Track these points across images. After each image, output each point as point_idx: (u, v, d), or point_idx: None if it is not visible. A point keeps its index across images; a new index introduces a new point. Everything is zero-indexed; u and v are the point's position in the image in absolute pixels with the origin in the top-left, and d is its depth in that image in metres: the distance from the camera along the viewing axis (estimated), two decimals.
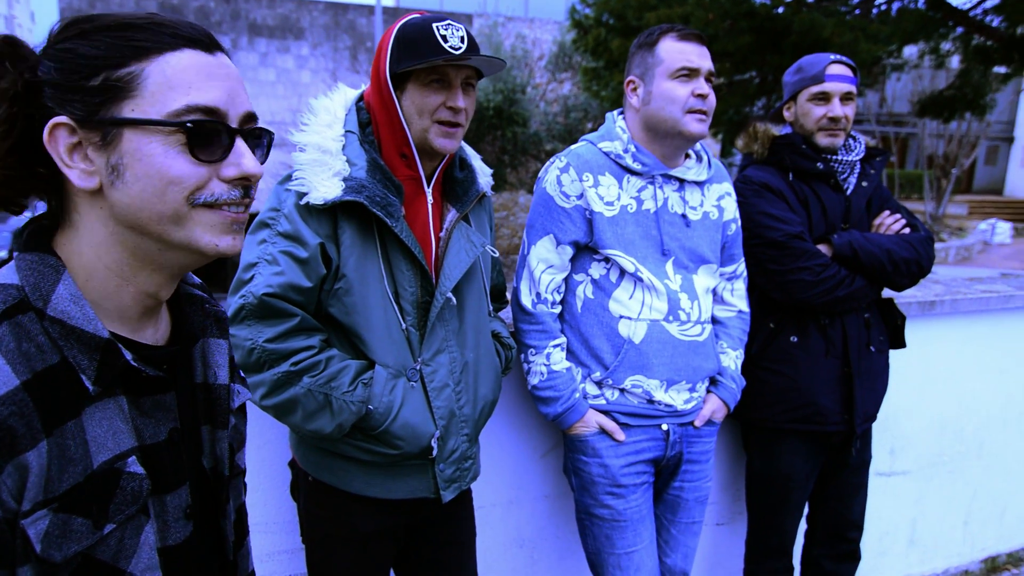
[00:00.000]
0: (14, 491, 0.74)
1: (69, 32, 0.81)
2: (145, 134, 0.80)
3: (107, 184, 0.81)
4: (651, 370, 1.93)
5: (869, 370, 2.28)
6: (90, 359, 0.81)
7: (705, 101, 1.87)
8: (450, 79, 1.58)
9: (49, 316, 0.80)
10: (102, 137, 0.80)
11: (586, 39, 12.33)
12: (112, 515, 0.83)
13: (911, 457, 3.07)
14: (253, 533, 2.05)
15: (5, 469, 0.73)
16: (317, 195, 1.51)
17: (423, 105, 1.57)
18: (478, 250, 1.70)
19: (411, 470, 1.68)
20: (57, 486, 0.78)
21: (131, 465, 0.85)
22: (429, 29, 1.53)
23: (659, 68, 1.88)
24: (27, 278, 0.81)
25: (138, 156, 0.80)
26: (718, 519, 2.75)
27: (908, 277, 2.24)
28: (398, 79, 1.58)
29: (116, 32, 0.80)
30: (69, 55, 0.80)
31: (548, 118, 17.27)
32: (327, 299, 1.59)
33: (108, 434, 0.83)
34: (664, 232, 1.94)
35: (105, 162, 0.81)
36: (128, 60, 0.80)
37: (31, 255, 0.82)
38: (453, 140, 1.61)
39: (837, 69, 2.20)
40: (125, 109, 0.80)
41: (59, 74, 0.79)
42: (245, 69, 17.48)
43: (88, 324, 0.81)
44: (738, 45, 10.18)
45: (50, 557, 0.77)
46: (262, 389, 1.54)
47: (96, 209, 0.83)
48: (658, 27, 1.92)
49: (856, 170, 2.30)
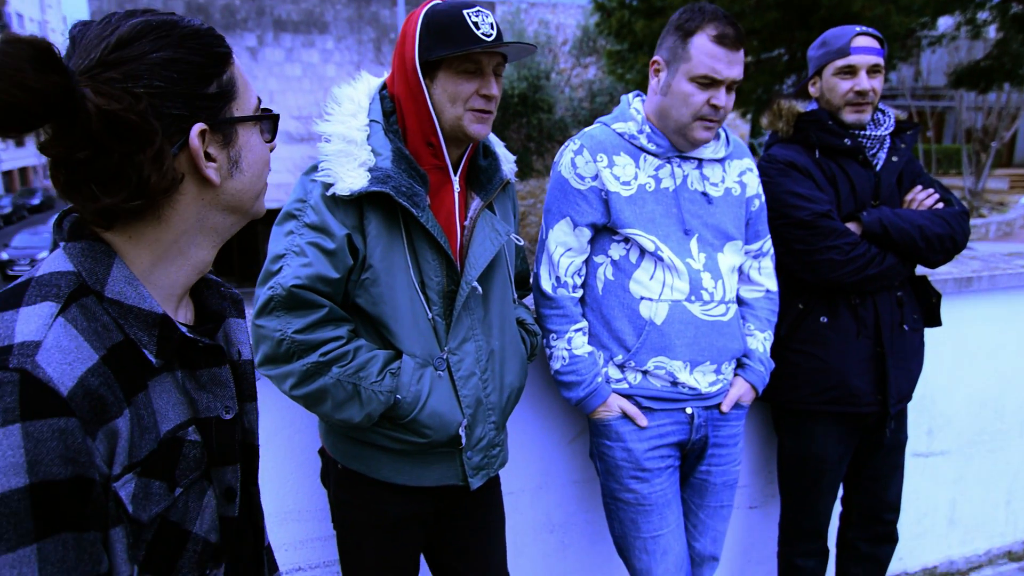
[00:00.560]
0: (106, 456, 0.81)
1: (157, 42, 0.84)
2: (247, 129, 0.94)
3: (226, 175, 0.92)
4: (673, 351, 1.91)
5: (902, 350, 2.23)
6: (149, 335, 0.88)
7: (718, 111, 1.84)
8: (483, 67, 1.57)
9: (107, 298, 0.86)
10: (223, 136, 0.91)
11: (609, 22, 12.21)
12: (179, 480, 0.91)
13: (950, 437, 3.01)
14: (286, 521, 2.09)
15: (97, 435, 0.79)
16: (343, 186, 1.52)
17: (456, 93, 1.57)
18: (503, 239, 1.70)
19: (439, 458, 1.69)
20: (138, 452, 0.85)
21: (191, 434, 0.93)
22: (460, 16, 1.52)
23: (684, 66, 1.83)
24: (82, 264, 0.86)
25: (249, 148, 0.94)
26: (751, 502, 2.72)
27: (942, 253, 2.18)
28: (427, 67, 1.57)
29: (195, 40, 0.87)
30: (183, 65, 0.85)
31: (573, 103, 17.18)
32: (354, 289, 1.60)
33: (168, 405, 0.91)
34: (684, 210, 1.92)
35: (226, 157, 0.92)
36: (223, 66, 0.90)
37: (80, 243, 0.87)
38: (486, 126, 1.61)
39: (863, 41, 2.14)
40: (234, 109, 0.92)
41: (183, 84, 0.86)
42: (271, 65, 17.65)
43: (143, 303, 0.88)
44: (765, 22, 10.00)
45: (139, 517, 0.85)
46: (292, 379, 1.56)
47: (199, 199, 0.91)
48: (700, 12, 1.83)
49: (886, 145, 2.24)
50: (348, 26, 18.29)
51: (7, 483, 0.72)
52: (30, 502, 0.73)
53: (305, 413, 1.97)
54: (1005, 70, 12.70)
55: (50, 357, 0.77)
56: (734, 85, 1.86)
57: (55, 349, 0.78)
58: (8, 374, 0.74)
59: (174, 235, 0.90)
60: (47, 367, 0.76)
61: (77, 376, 0.78)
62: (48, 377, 0.76)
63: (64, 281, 0.84)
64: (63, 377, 0.77)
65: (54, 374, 0.77)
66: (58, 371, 0.77)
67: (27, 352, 0.76)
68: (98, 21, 0.86)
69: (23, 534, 0.73)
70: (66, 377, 0.77)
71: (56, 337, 0.79)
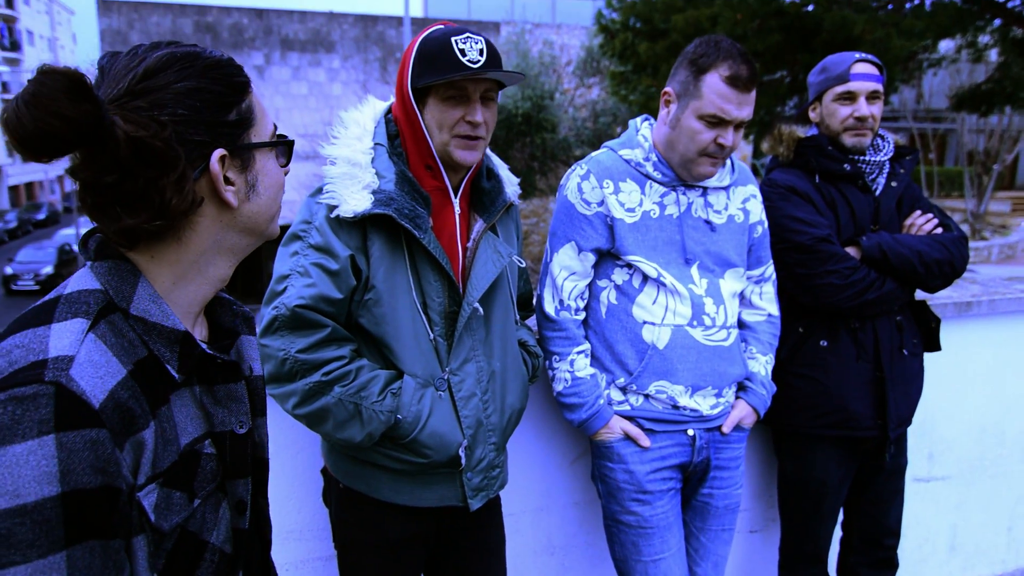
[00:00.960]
0: (132, 466, 0.84)
1: (181, 72, 0.88)
2: (264, 154, 0.98)
3: (243, 199, 0.96)
4: (675, 375, 1.92)
5: (902, 374, 2.24)
6: (171, 350, 0.92)
7: (724, 149, 1.86)
8: (468, 93, 1.59)
9: (132, 315, 0.90)
10: (242, 162, 0.95)
11: (613, 43, 12.33)
12: (197, 491, 0.95)
13: (950, 462, 3.00)
14: (288, 540, 2.10)
15: (125, 447, 0.83)
16: (347, 208, 1.54)
17: (443, 119, 1.59)
18: (505, 260, 1.72)
19: (439, 478, 1.70)
20: (161, 463, 0.89)
21: (207, 447, 0.97)
22: (448, 43, 1.55)
23: (694, 102, 1.84)
24: (109, 282, 0.90)
25: (265, 172, 0.99)
26: (751, 526, 2.72)
27: (941, 278, 2.20)
28: (420, 93, 1.61)
29: (217, 70, 0.92)
30: (205, 94, 0.90)
31: (577, 123, 17.27)
32: (357, 309, 1.62)
33: (187, 419, 0.95)
34: (687, 237, 1.94)
35: (244, 181, 0.96)
36: (242, 95, 0.95)
37: (106, 263, 0.91)
38: (474, 152, 1.63)
39: (862, 68, 2.17)
40: (252, 135, 0.96)
41: (205, 112, 0.90)
42: (278, 83, 17.82)
43: (167, 320, 0.91)
44: (767, 44, 10.09)
45: (160, 526, 0.89)
46: (294, 398, 1.57)
47: (218, 221, 0.95)
48: (716, 49, 1.81)
49: (885, 170, 2.26)
50: (355, 45, 18.48)
51: (40, 491, 0.75)
52: (62, 510, 0.76)
53: (308, 433, 1.98)
54: (1006, 93, 12.76)
55: (83, 371, 0.81)
56: (742, 125, 1.87)
57: (87, 363, 0.82)
58: (44, 387, 0.78)
59: (194, 255, 0.94)
60: (80, 380, 0.80)
61: (108, 389, 0.82)
62: (81, 390, 0.79)
63: (93, 299, 0.88)
64: (95, 390, 0.81)
65: (87, 387, 0.80)
66: (90, 384, 0.81)
67: (62, 366, 0.80)
68: (125, 52, 0.91)
69: (54, 541, 0.76)
70: (97, 390, 0.81)
71: (88, 352, 0.83)
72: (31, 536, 0.74)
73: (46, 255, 23.80)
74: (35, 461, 0.75)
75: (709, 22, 10.08)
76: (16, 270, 23.22)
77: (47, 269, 23.23)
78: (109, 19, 17.12)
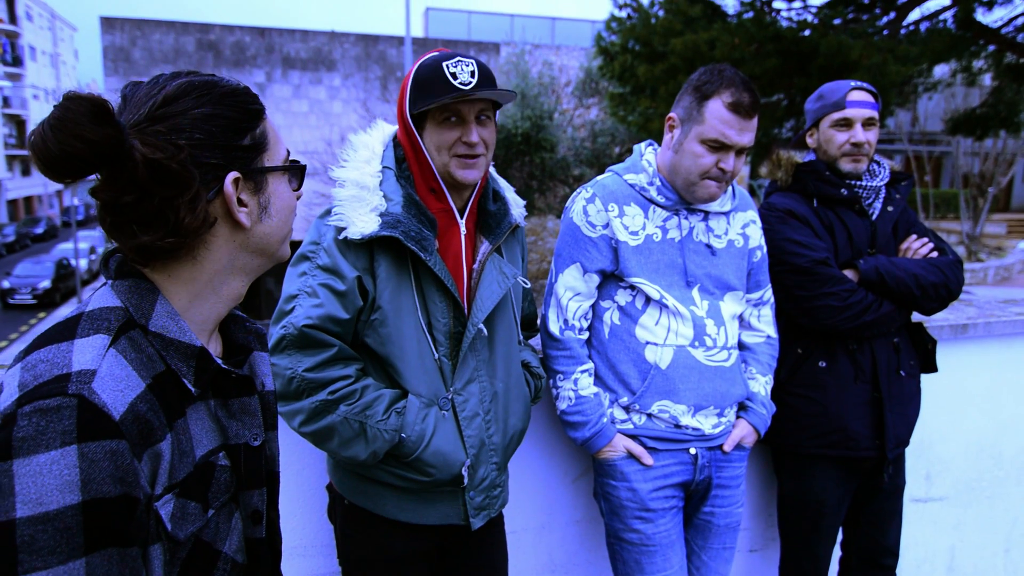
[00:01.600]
0: (150, 477, 0.88)
1: (199, 100, 0.93)
2: (276, 177, 1.02)
3: (255, 220, 1.00)
4: (678, 395, 1.95)
5: (900, 395, 2.28)
6: (188, 365, 0.95)
7: (726, 174, 1.90)
8: (463, 115, 1.63)
9: (151, 331, 0.94)
10: (255, 184, 0.99)
11: (612, 65, 12.44)
12: (211, 502, 0.98)
13: (948, 483, 3.03)
14: (292, 556, 2.11)
15: (143, 457, 0.86)
16: (355, 230, 1.58)
17: (440, 142, 1.64)
18: (510, 282, 1.75)
19: (442, 496, 1.72)
20: (178, 474, 0.92)
21: (221, 459, 1.01)
22: (439, 68, 1.60)
23: (697, 128, 1.89)
24: (129, 300, 0.94)
25: (278, 194, 1.02)
26: (751, 545, 2.73)
27: (937, 301, 2.24)
28: (418, 119, 1.66)
29: (234, 97, 0.97)
30: (221, 119, 0.94)
31: (575, 143, 17.39)
32: (363, 329, 1.65)
33: (202, 432, 0.98)
34: (689, 260, 1.98)
35: (256, 203, 0.99)
36: (256, 121, 0.99)
37: (126, 281, 0.95)
38: (474, 170, 1.67)
39: (858, 95, 2.22)
40: (265, 160, 1.00)
41: (220, 137, 0.94)
42: (279, 101, 17.92)
43: (183, 336, 0.95)
44: (764, 68, 10.20)
45: (176, 536, 0.92)
46: (300, 416, 1.60)
47: (231, 241, 0.99)
48: (720, 76, 1.87)
49: (881, 195, 2.31)
50: (355, 64, 18.62)
51: (62, 500, 0.78)
52: (82, 518, 0.79)
53: (313, 449, 2.00)
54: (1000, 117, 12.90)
55: (104, 384, 0.85)
56: (744, 151, 1.91)
57: (109, 377, 0.86)
58: (67, 399, 0.81)
59: (208, 274, 0.98)
60: (102, 393, 0.84)
61: (128, 402, 0.86)
62: (103, 403, 0.83)
63: (114, 316, 0.92)
64: (116, 403, 0.84)
65: (108, 400, 0.84)
66: (111, 397, 0.84)
67: (84, 380, 0.84)
68: (147, 81, 0.96)
69: (74, 548, 0.79)
70: (118, 403, 0.85)
71: (109, 366, 0.87)
72: (52, 543, 0.77)
73: (44, 269, 23.77)
74: (58, 470, 0.78)
75: (707, 46, 10.21)
76: (13, 284, 23.19)
77: (44, 283, 23.20)
78: (112, 36, 17.25)
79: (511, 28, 24.52)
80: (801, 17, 11.84)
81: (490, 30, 25.03)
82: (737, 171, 1.93)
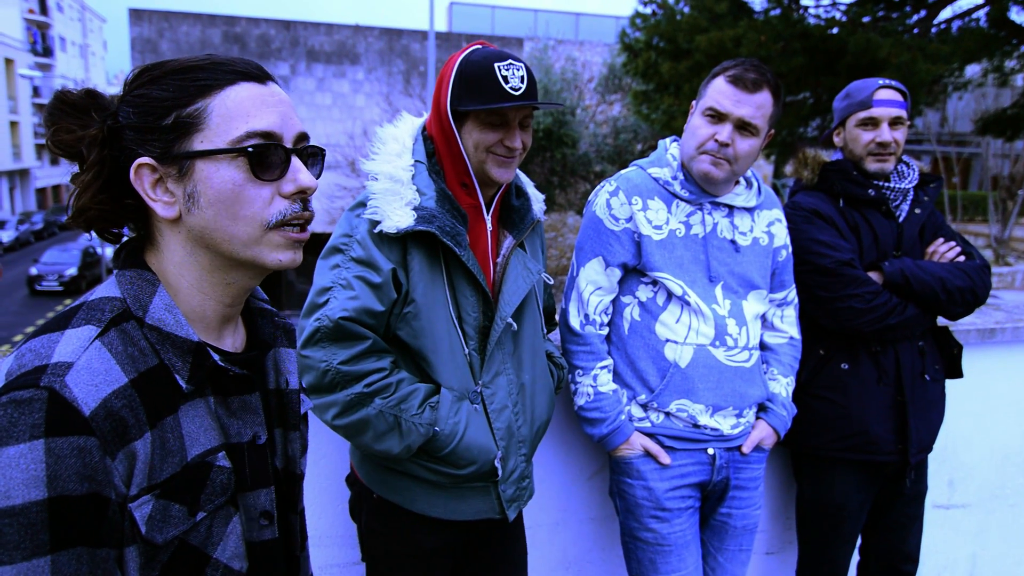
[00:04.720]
0: (124, 476, 0.84)
1: (142, 79, 0.92)
2: (213, 162, 0.90)
3: (185, 211, 0.91)
4: (696, 395, 1.94)
5: (924, 399, 2.24)
6: (183, 361, 0.91)
7: (723, 148, 1.87)
8: (509, 120, 1.63)
9: (147, 324, 0.91)
10: (178, 170, 0.90)
11: (636, 62, 12.38)
12: (203, 504, 0.93)
13: (971, 489, 2.98)
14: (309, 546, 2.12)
15: (117, 456, 0.83)
16: (391, 224, 1.58)
17: (481, 141, 1.63)
18: (535, 277, 1.76)
19: (475, 492, 1.72)
20: (159, 474, 0.88)
21: (220, 459, 0.95)
22: (491, 69, 1.58)
23: (700, 102, 1.93)
24: (128, 291, 0.92)
25: (209, 182, 0.90)
26: (768, 548, 2.71)
27: (963, 306, 2.20)
28: (457, 115, 1.64)
29: (181, 74, 0.90)
30: (143, 100, 0.90)
31: (597, 139, 17.32)
32: (396, 322, 1.64)
33: (200, 430, 0.93)
34: (712, 257, 1.96)
35: (183, 192, 0.90)
36: (194, 98, 0.89)
37: (130, 271, 0.93)
38: (509, 170, 1.67)
39: (885, 94, 2.19)
40: (195, 142, 0.89)
41: (137, 118, 0.90)
42: (302, 94, 18.05)
43: (180, 330, 0.92)
44: (791, 66, 10.09)
45: (152, 539, 0.87)
46: (334, 409, 1.59)
47: (176, 233, 0.94)
48: (733, 60, 1.92)
49: (909, 197, 2.27)
50: (379, 58, 18.69)
51: (27, 495, 0.76)
52: (47, 515, 0.77)
53: (331, 439, 2.01)
54: None
55: (79, 378, 0.82)
56: (746, 126, 1.87)
57: (85, 371, 0.83)
58: (39, 392, 0.79)
59: (176, 268, 0.95)
60: (74, 387, 0.81)
61: (101, 398, 0.83)
62: (73, 397, 0.81)
63: (109, 306, 0.90)
64: (87, 398, 0.81)
65: (79, 394, 0.81)
66: (83, 392, 0.82)
67: (58, 372, 0.82)
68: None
69: (38, 545, 0.76)
70: (90, 398, 0.82)
71: (88, 359, 0.84)
72: (17, 538, 0.75)
73: (71, 257, 24.14)
74: (24, 464, 0.76)
75: (733, 43, 10.11)
76: (41, 271, 23.57)
77: (71, 271, 23.56)
78: (140, 28, 17.46)
79: (535, 23, 24.47)
80: (829, 15, 11.69)
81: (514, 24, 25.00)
82: (739, 151, 1.88)
